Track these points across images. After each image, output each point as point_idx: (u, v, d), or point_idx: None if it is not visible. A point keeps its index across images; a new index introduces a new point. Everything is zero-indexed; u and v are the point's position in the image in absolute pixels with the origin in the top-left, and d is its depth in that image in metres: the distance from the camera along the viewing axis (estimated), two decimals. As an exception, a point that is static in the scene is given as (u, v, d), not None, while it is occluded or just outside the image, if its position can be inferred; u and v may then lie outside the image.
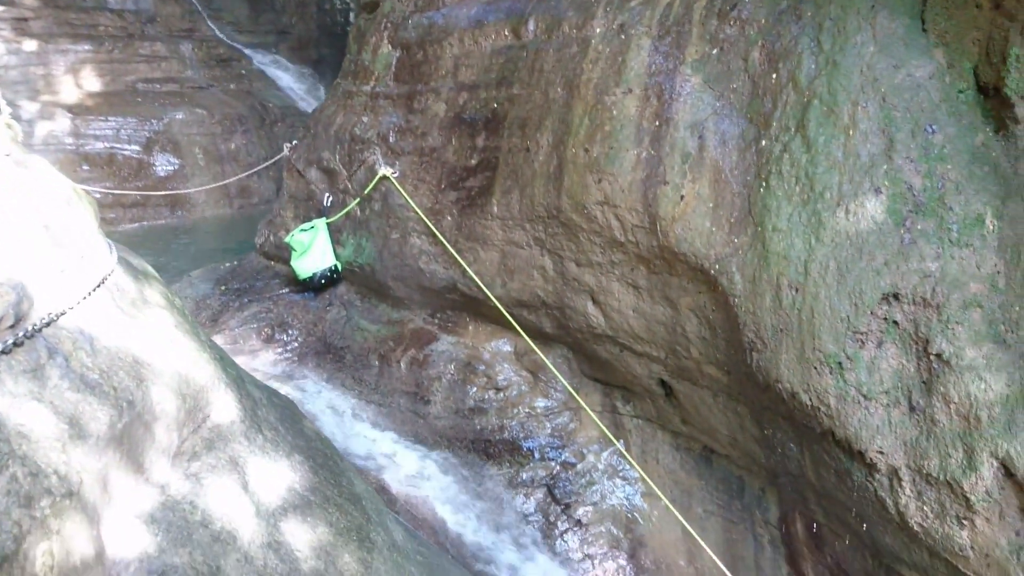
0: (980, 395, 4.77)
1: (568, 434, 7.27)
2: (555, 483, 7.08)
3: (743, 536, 6.60)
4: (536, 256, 7.09)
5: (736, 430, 6.16)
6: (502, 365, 7.55)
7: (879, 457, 5.04)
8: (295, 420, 4.73)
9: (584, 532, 6.96)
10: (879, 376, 5.04)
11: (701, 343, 6.03)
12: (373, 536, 3.96)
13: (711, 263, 5.66)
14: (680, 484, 6.85)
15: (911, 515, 5.02)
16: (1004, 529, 4.75)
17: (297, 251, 8.69)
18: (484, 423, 7.38)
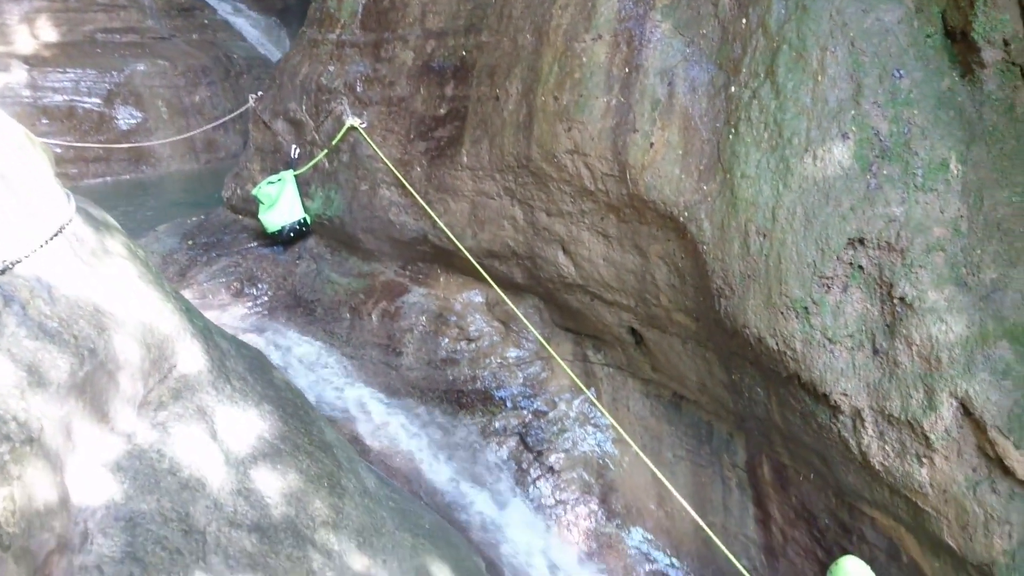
0: (941, 337, 4.87)
1: (540, 383, 7.33)
2: (527, 431, 7.16)
3: (711, 479, 6.74)
4: (506, 206, 7.05)
5: (705, 376, 6.25)
6: (474, 316, 7.56)
7: (843, 399, 5.14)
8: (264, 370, 4.71)
9: (556, 478, 7.07)
10: (844, 320, 5.11)
11: (670, 291, 6.07)
12: (344, 483, 3.98)
13: (680, 210, 5.67)
14: (650, 430, 6.96)
15: (873, 454, 5.15)
16: (962, 466, 4.90)
17: (265, 204, 8.56)
18: (456, 374, 7.41)
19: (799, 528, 6.20)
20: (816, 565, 6.19)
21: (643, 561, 6.89)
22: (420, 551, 4.07)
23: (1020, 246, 5.07)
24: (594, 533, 6.93)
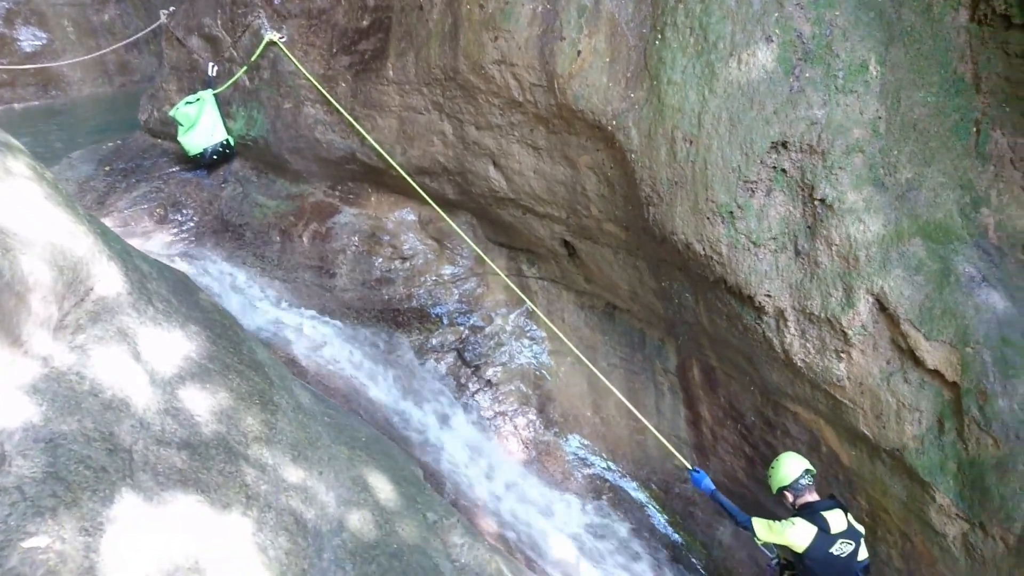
0: (859, 236, 5.03)
1: (476, 299, 7.36)
2: (465, 347, 7.23)
3: (645, 385, 6.95)
4: (435, 121, 6.91)
5: (636, 285, 6.36)
6: (407, 235, 7.49)
7: (767, 300, 5.31)
8: (189, 292, 4.60)
9: (495, 391, 7.19)
10: (767, 223, 5.23)
11: (600, 201, 6.09)
12: (277, 399, 3.97)
13: (608, 119, 5.65)
14: (585, 340, 7.09)
15: (795, 352, 5.36)
16: (877, 359, 5.14)
17: (184, 126, 8.21)
18: (392, 293, 7.38)
19: (728, 427, 6.47)
20: (744, 461, 6.50)
21: (581, 466, 7.12)
22: (357, 462, 4.12)
23: (935, 145, 5.22)
24: (533, 442, 7.12)
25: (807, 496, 5.01)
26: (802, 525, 4.84)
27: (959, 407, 4.92)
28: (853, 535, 4.92)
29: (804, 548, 4.80)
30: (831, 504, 4.96)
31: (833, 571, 4.92)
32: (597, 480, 7.08)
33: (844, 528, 4.87)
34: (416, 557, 3.70)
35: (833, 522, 4.85)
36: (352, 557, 3.47)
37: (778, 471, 5.11)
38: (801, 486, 5.02)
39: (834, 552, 4.82)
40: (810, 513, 4.90)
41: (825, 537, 4.81)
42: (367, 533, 3.66)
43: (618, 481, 7.12)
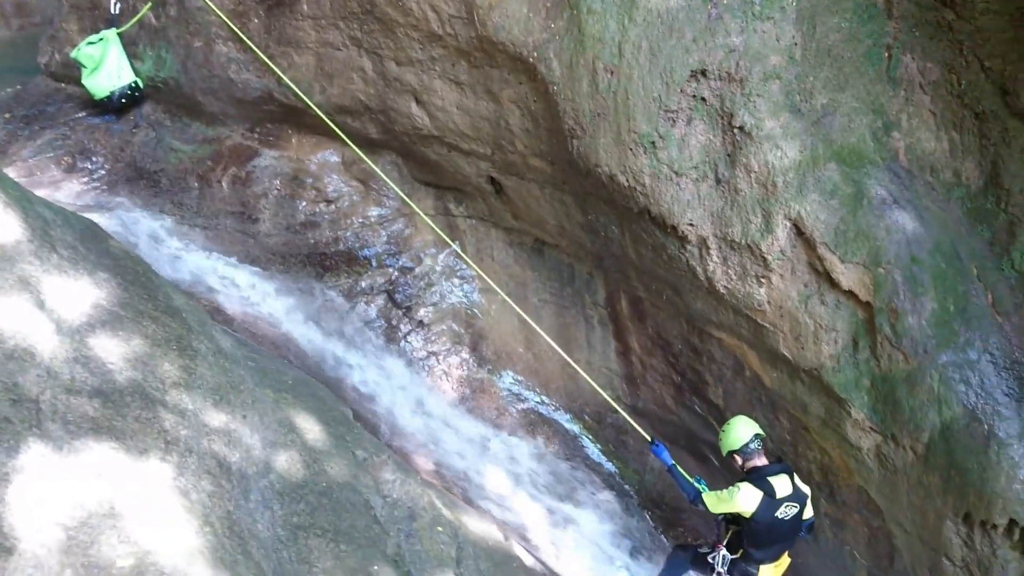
0: (777, 162, 5.11)
1: (404, 240, 7.28)
2: (394, 288, 7.17)
3: (575, 319, 7.02)
4: (354, 57, 6.70)
5: (563, 219, 6.37)
6: (330, 176, 7.31)
7: (689, 229, 5.38)
8: (98, 240, 4.41)
9: (427, 332, 7.17)
10: (688, 152, 5.27)
11: (525, 135, 6.03)
12: (196, 345, 3.87)
13: (529, 51, 5.56)
14: (515, 278, 7.11)
15: (718, 279, 5.47)
16: (795, 283, 5.29)
17: (88, 68, 7.76)
18: (318, 236, 7.24)
19: (656, 356, 6.62)
20: (672, 388, 6.67)
21: (515, 401, 7.21)
22: (283, 404, 4.07)
23: (848, 71, 5.30)
24: (467, 380, 7.16)
25: (756, 460, 5.12)
26: (748, 491, 4.94)
27: (872, 326, 5.12)
28: (798, 498, 5.05)
29: (751, 513, 4.96)
30: (778, 468, 5.08)
31: (777, 533, 5.12)
32: (531, 414, 7.19)
33: (790, 492, 4.99)
34: (346, 494, 3.71)
35: (779, 487, 4.96)
36: (280, 497, 3.46)
37: (729, 435, 5.22)
38: (750, 450, 5.12)
39: (779, 516, 4.98)
40: (757, 478, 5.00)
41: (771, 502, 4.93)
42: (295, 473, 3.64)
43: (552, 414, 7.25)
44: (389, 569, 3.40)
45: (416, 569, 3.69)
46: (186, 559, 2.61)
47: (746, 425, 5.22)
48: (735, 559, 5.29)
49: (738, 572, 5.31)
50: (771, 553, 5.24)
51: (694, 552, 5.78)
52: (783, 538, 5.17)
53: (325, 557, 3.27)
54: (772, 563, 5.26)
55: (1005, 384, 4.99)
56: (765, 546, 5.20)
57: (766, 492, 4.91)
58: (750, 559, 5.23)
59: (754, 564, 5.24)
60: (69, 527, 2.52)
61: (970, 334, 5.02)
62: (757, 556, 5.21)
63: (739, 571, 5.31)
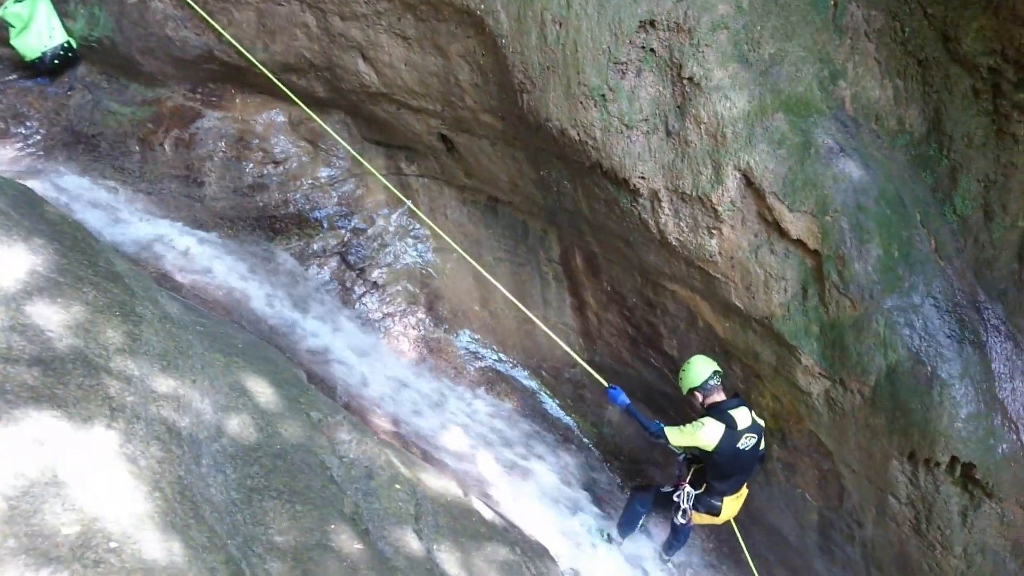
0: (726, 113, 5.12)
1: (355, 201, 7.17)
2: (347, 250, 7.07)
3: (530, 276, 7.02)
4: (296, 13, 6.50)
5: (515, 175, 6.32)
6: (277, 137, 7.14)
7: (641, 182, 5.38)
8: (32, 205, 4.25)
9: (382, 293, 7.11)
10: (639, 105, 5.24)
11: (474, 91, 5.95)
12: (140, 310, 3.77)
13: (476, 3, 5.44)
14: (469, 236, 7.06)
15: (670, 232, 5.50)
16: (745, 233, 5.34)
17: (16, 27, 7.40)
18: (266, 199, 7.09)
19: (611, 310, 6.66)
20: (628, 342, 6.74)
21: (472, 360, 7.22)
22: (234, 368, 4.01)
23: (795, 20, 5.31)
24: (424, 340, 7.14)
25: (715, 396, 5.36)
26: (711, 424, 5.17)
27: (820, 273, 5.20)
28: (756, 429, 5.32)
29: (714, 446, 5.15)
30: (737, 402, 5.33)
31: (737, 463, 5.36)
32: (489, 372, 7.21)
33: (749, 424, 5.26)
34: (301, 455, 3.68)
35: (739, 419, 5.22)
36: (233, 460, 3.42)
37: (688, 373, 5.43)
38: (710, 387, 5.35)
39: (740, 446, 5.22)
40: (718, 412, 5.25)
41: (732, 434, 5.18)
42: (248, 436, 3.60)
43: (510, 371, 7.28)
44: (346, 527, 3.40)
45: (375, 526, 3.69)
46: (134, 525, 2.56)
47: (704, 363, 5.40)
48: (699, 494, 5.50)
49: (703, 506, 5.56)
50: (733, 484, 5.51)
51: (655, 492, 5.98)
52: (743, 469, 5.41)
53: (281, 518, 3.25)
54: (733, 494, 5.51)
55: (947, 327, 5.13)
56: (728, 478, 5.47)
57: (728, 425, 5.13)
58: (714, 492, 5.48)
59: (717, 496, 5.50)
60: (10, 497, 2.45)
61: (914, 279, 5.14)
62: (720, 488, 5.46)
63: (704, 505, 5.56)
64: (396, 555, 3.61)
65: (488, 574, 3.98)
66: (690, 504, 5.59)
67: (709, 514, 5.63)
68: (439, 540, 3.98)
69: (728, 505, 5.59)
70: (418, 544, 3.79)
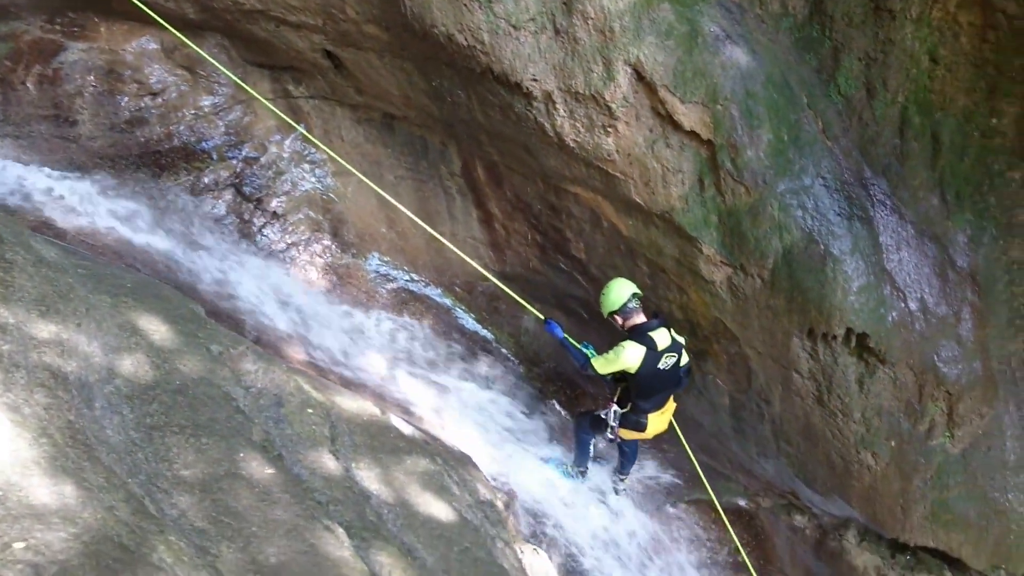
0: (612, 7, 5.01)
1: (244, 128, 6.85)
2: (241, 181, 6.79)
3: (434, 192, 6.91)
4: (154, -73, 6.02)
5: (407, 88, 6.12)
6: (152, 66, 6.69)
7: (533, 84, 5.28)
8: None
9: (283, 222, 6.90)
10: (524, 4, 5.08)
11: (355, 1, 5.66)
12: (10, 256, 3.54)
13: (345, -96, 5.14)
14: (368, 156, 6.87)
15: (567, 134, 5.45)
16: (640, 129, 5.34)
17: None
18: (148, 134, 6.69)
19: (517, 219, 6.64)
20: (536, 249, 6.75)
21: (384, 282, 7.14)
22: (123, 308, 3.83)
23: (675, -95, 5.20)
24: (332, 267, 7.00)
25: (635, 318, 5.40)
26: (632, 348, 5.25)
27: (715, 163, 5.28)
28: (676, 348, 5.42)
29: (636, 367, 5.25)
30: (657, 323, 5.39)
31: (660, 383, 5.49)
32: (402, 293, 7.15)
33: (669, 343, 5.35)
34: (203, 389, 3.58)
35: (659, 340, 5.30)
36: (129, 400, 3.30)
37: (608, 297, 5.45)
38: (629, 309, 5.39)
39: (661, 367, 5.33)
40: (639, 334, 5.31)
41: (653, 355, 5.27)
42: (143, 375, 3.47)
43: (423, 290, 7.23)
44: (257, 454, 3.35)
45: (288, 452, 3.66)
46: (19, 472, 2.45)
47: (623, 286, 5.45)
48: (625, 412, 5.66)
49: (629, 424, 5.73)
50: (657, 402, 5.66)
51: (592, 417, 6.14)
52: (666, 387, 5.57)
53: (186, 452, 3.18)
54: (658, 411, 5.66)
55: (837, 205, 5.31)
56: (651, 396, 5.63)
57: (648, 347, 5.23)
58: (639, 410, 5.65)
59: (642, 414, 5.66)
60: None
61: (804, 161, 5.28)
62: (644, 407, 5.63)
63: (629, 423, 5.73)
64: (312, 476, 3.60)
65: (409, 486, 4.02)
66: (616, 422, 5.76)
67: (636, 431, 5.80)
68: (357, 459, 3.97)
69: (654, 421, 5.74)
70: (335, 464, 3.78)
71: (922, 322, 5.44)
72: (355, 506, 3.57)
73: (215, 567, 2.67)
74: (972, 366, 5.58)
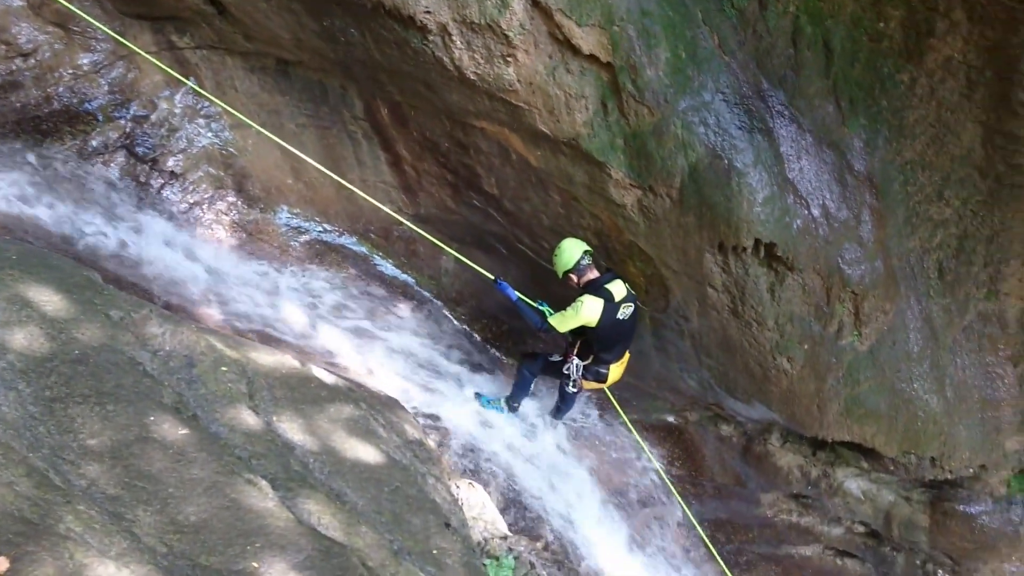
0: (499, -71, 4.89)
1: (129, 86, 6.48)
2: (133, 142, 6.46)
3: (339, 138, 6.72)
4: None
5: (297, 30, 5.87)
6: (18, 25, 6.22)
7: (427, 17, 5.12)
8: None
9: (183, 182, 6.62)
10: (409, -68, 4.92)
11: (230, -61, 5.38)
12: None
13: None
14: (265, 106, 6.61)
15: (466, 67, 5.33)
16: (540, 56, 5.26)
17: None
18: (24, 98, 6.26)
19: (426, 159, 6.53)
20: (449, 189, 6.67)
21: (296, 235, 6.96)
22: (9, 282, 3.62)
23: None
24: (240, 224, 6.78)
25: (589, 274, 5.55)
26: (590, 302, 5.39)
27: (616, 85, 5.26)
28: (631, 298, 5.60)
29: (596, 320, 5.37)
30: (610, 276, 5.55)
31: (619, 333, 5.68)
32: (316, 244, 7.00)
33: (625, 294, 5.52)
34: (105, 356, 3.45)
35: (615, 291, 5.47)
36: (24, 375, 3.15)
37: (561, 257, 5.58)
38: (583, 266, 5.53)
39: (619, 317, 5.49)
40: (594, 288, 5.45)
41: (611, 306, 5.43)
42: (38, 348, 3.32)
43: (337, 240, 7.09)
44: (169, 416, 3.26)
45: (204, 412, 3.57)
46: (-97, 457, 2.33)
47: (574, 245, 5.60)
48: (587, 364, 5.83)
49: (591, 375, 5.92)
50: (617, 352, 5.92)
51: (544, 360, 6.24)
52: (625, 336, 5.80)
53: (91, 421, 3.06)
54: (617, 361, 5.85)
55: (737, 119, 5.38)
56: (612, 347, 5.86)
57: (606, 299, 5.41)
58: (600, 361, 5.87)
59: (604, 365, 5.94)
60: None
61: (703, 77, 5.31)
62: (606, 358, 5.88)
63: (592, 374, 5.92)
64: (232, 433, 3.53)
65: (334, 433, 3.99)
66: (579, 374, 5.93)
67: (597, 381, 6.07)
68: (278, 412, 3.92)
69: (614, 370, 6.00)
70: (255, 419, 3.72)
71: (825, 227, 5.62)
72: (279, 458, 3.53)
73: (131, 531, 2.61)
74: (874, 266, 5.82)
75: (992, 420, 6.74)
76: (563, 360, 6.10)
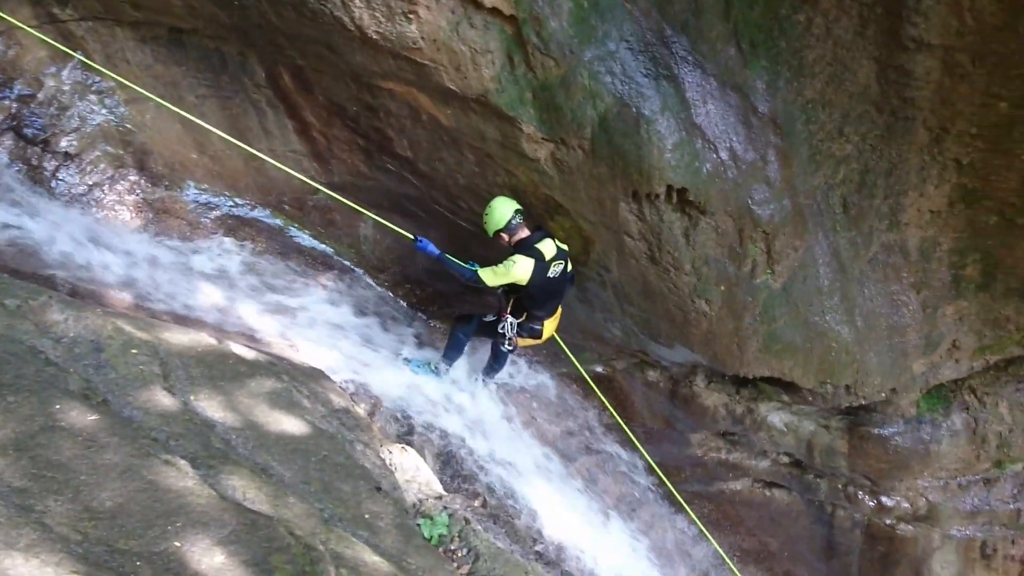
0: None
1: (11, 63, 6.10)
2: (20, 123, 6.11)
3: (242, 108, 6.50)
4: None
5: (187, -5, 5.63)
6: None
7: (322, -25, 4.98)
8: None
9: (78, 163, 6.32)
10: None
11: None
12: None
13: None
14: (161, 78, 6.33)
15: (367, 25, 5.19)
16: (442, 11, 5.16)
17: None
18: None
19: (335, 125, 6.38)
20: (361, 154, 6.54)
21: (206, 211, 6.75)
22: None
23: None
24: (145, 203, 6.53)
25: (520, 233, 5.67)
26: (522, 260, 5.53)
27: (521, 38, 5.21)
28: (562, 256, 5.76)
29: (527, 279, 5.53)
30: (541, 235, 5.68)
31: (550, 290, 5.85)
32: (228, 220, 6.80)
33: (555, 252, 5.68)
34: (2, 347, 3.30)
35: (546, 250, 5.61)
36: (-88, 375, 2.99)
37: (492, 216, 5.65)
38: (514, 225, 5.65)
39: (550, 275, 5.67)
40: (525, 247, 5.58)
41: (542, 265, 5.58)
42: (-75, 345, 3.15)
43: (250, 214, 6.91)
44: (76, 403, 3.14)
45: (115, 395, 3.46)
46: None
47: (505, 203, 5.68)
48: (521, 322, 5.91)
49: (525, 332, 6.13)
50: (549, 309, 6.13)
51: (478, 321, 6.30)
52: (556, 294, 6.02)
53: (-9, 416, 2.94)
54: (551, 317, 6.01)
55: (643, 66, 5.41)
56: (544, 304, 6.03)
57: (537, 258, 5.56)
58: (534, 318, 6.10)
59: (538, 321, 6.15)
60: None
61: (606, 26, 5.31)
62: (539, 314, 6.10)
63: (526, 331, 6.17)
64: (147, 416, 3.43)
65: (256, 407, 3.93)
66: (514, 332, 6.02)
67: (532, 338, 6.26)
68: (195, 390, 3.83)
69: (547, 326, 6.20)
70: (171, 400, 3.62)
71: (734, 170, 5.74)
72: (198, 437, 3.46)
73: (41, 522, 2.52)
74: (782, 204, 5.99)
75: (899, 345, 7.07)
76: (497, 319, 6.20)
